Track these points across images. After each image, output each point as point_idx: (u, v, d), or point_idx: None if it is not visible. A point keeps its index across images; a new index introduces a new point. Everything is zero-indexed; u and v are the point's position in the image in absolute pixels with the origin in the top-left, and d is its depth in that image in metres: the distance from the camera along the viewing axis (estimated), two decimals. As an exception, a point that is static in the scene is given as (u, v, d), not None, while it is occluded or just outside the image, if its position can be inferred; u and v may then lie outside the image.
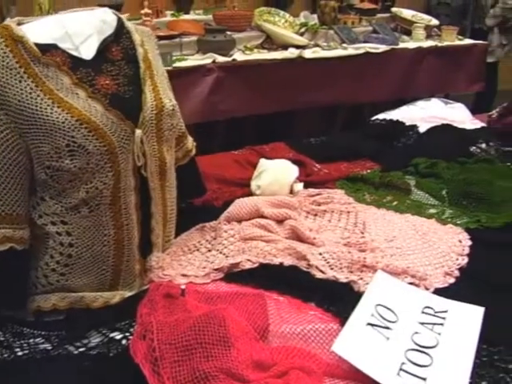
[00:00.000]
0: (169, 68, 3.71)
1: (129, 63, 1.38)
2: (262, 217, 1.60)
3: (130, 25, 1.46)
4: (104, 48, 1.36)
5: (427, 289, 1.40)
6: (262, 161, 1.88)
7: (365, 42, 4.77)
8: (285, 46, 4.40)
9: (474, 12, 6.08)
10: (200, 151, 1.76)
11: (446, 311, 1.31)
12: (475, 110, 2.95)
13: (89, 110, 1.24)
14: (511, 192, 1.82)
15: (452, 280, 1.45)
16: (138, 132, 1.30)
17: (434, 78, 5.04)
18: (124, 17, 1.48)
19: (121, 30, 1.42)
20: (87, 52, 1.33)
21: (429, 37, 5.23)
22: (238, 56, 4.08)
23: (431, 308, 1.31)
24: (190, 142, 1.67)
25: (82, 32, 1.33)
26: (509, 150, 2.21)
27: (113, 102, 1.28)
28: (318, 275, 1.36)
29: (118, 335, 1.23)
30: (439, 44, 5.04)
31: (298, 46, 4.41)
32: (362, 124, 2.62)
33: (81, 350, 1.20)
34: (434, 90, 5.24)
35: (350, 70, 4.55)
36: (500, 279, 1.45)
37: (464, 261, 1.52)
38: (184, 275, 1.40)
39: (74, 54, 1.31)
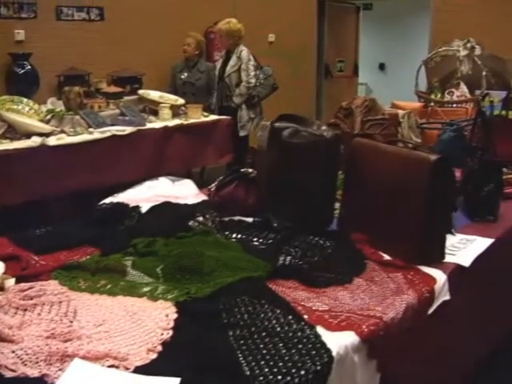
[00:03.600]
0: None
1: None
2: (-39, 320, 1.54)
3: None
4: None
5: (128, 368, 1.43)
6: (-36, 261, 1.82)
7: (112, 124, 4.86)
8: (29, 135, 4.34)
9: (221, 91, 6.48)
10: None
11: (142, 388, 1.34)
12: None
13: None
14: (219, 261, 1.93)
15: (154, 356, 1.49)
16: None
17: (185, 154, 5.28)
18: None
19: None
20: None
21: (176, 115, 5.47)
22: (-21, 149, 3.96)
23: (128, 388, 1.34)
24: None
25: None
26: (224, 220, 2.36)
27: None
28: (8, 374, 1.33)
29: None
30: (185, 122, 5.30)
31: (42, 134, 4.38)
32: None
33: None
34: (186, 165, 5.49)
35: (99, 154, 4.62)
36: (204, 347, 1.53)
37: (168, 335, 1.57)
38: None
39: None
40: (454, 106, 5.63)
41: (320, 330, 1.62)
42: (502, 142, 3.49)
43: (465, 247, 2.34)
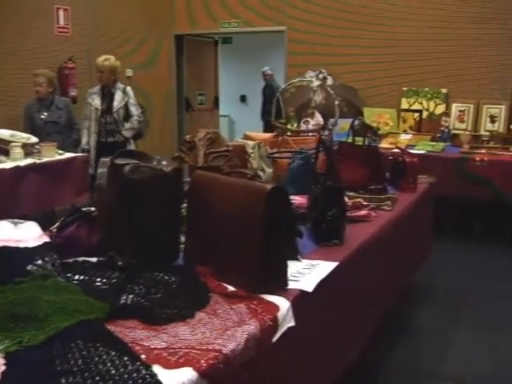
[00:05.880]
0: None
1: None
2: None
3: None
4: None
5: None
6: None
7: (-43, 167, 4.63)
8: None
9: (105, 127, 6.35)
10: None
11: None
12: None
13: None
14: (55, 305, 1.86)
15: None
16: None
17: (39, 195, 5.10)
18: None
19: None
20: None
21: (29, 154, 5.29)
22: None
23: None
24: None
25: None
26: (68, 261, 2.29)
27: None
28: None
29: None
30: (38, 161, 5.14)
31: None
32: None
33: None
34: (41, 205, 5.30)
35: None
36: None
37: (-7, 389, 1.49)
38: None
39: None
40: (310, 134, 5.81)
41: (157, 368, 1.59)
42: (347, 168, 3.64)
43: (309, 272, 2.39)
